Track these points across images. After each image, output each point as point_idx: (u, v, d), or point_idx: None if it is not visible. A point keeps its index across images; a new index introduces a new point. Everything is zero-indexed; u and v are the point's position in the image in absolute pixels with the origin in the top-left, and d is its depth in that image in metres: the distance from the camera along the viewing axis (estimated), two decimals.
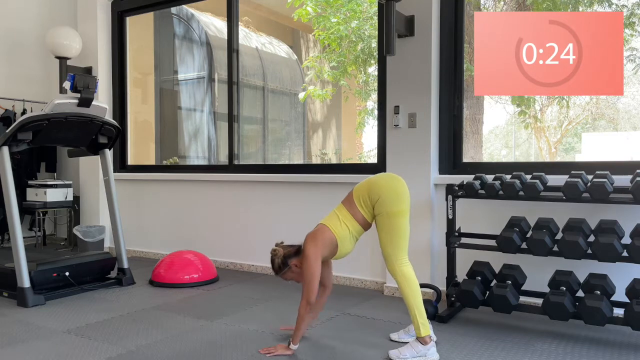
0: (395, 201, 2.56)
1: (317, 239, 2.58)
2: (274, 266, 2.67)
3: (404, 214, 2.58)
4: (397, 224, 2.55)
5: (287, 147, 8.19)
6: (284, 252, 2.65)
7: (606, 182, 2.76)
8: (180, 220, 5.09)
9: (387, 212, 2.55)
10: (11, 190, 3.60)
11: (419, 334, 2.52)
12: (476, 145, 5.21)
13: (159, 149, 6.52)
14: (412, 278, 2.57)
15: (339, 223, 2.61)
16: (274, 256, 2.66)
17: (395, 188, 2.58)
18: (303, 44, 8.79)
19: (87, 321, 3.18)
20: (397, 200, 2.56)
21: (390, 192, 2.57)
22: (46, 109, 3.68)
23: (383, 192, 2.57)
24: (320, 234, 2.59)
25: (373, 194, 2.58)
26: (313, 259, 2.54)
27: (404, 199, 2.59)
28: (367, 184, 2.64)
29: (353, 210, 2.63)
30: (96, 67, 5.44)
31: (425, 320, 2.53)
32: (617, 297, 2.84)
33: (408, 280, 2.55)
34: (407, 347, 2.53)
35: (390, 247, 2.57)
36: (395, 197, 2.56)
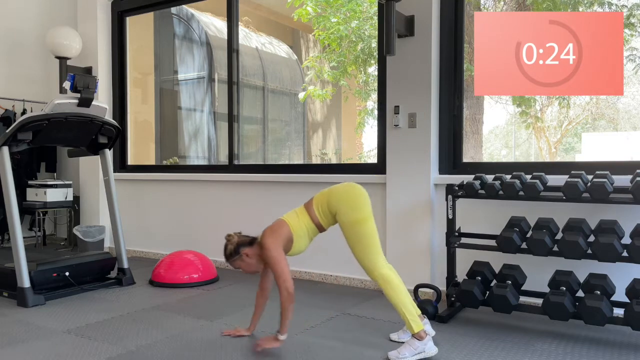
0: (355, 210, 2.57)
1: (275, 231, 2.63)
2: (226, 252, 2.71)
3: (366, 219, 2.58)
4: (363, 231, 2.56)
5: (287, 147, 8.20)
6: (238, 239, 2.70)
7: (606, 182, 2.76)
8: (180, 220, 5.09)
9: (349, 222, 2.57)
10: (11, 190, 3.60)
11: (412, 331, 2.53)
12: (476, 145, 5.21)
13: (159, 149, 6.52)
14: (393, 279, 2.56)
15: (297, 220, 2.65)
16: (228, 242, 2.71)
17: (351, 197, 2.60)
18: (303, 44, 8.79)
19: (87, 321, 3.18)
20: (356, 208, 2.58)
21: (348, 202, 2.59)
22: (46, 109, 3.68)
23: (340, 204, 2.59)
24: (278, 227, 2.64)
25: (331, 207, 2.62)
26: (274, 249, 2.58)
27: (362, 206, 2.60)
28: (327, 196, 2.66)
29: (312, 212, 2.66)
30: (96, 67, 5.44)
31: (416, 317, 2.54)
32: (617, 297, 2.84)
33: (389, 282, 2.55)
34: (404, 346, 2.54)
35: (364, 255, 2.57)
36: (353, 206, 2.58)
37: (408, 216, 3.74)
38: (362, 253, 2.58)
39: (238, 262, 2.69)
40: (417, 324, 2.52)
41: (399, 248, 3.77)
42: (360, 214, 2.57)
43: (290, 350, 2.69)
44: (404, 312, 2.52)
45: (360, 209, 2.59)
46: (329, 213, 2.63)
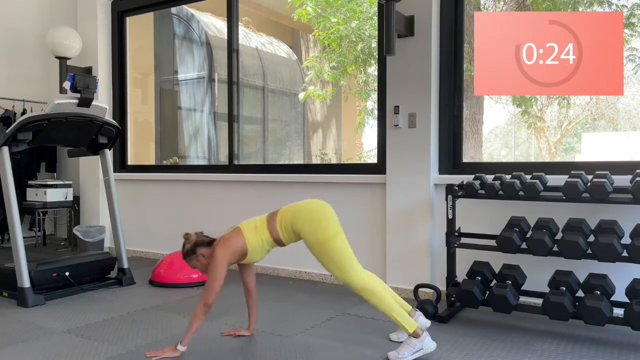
0: (319, 230, 2.53)
1: (229, 244, 2.61)
2: (183, 250, 2.71)
3: (335, 236, 2.54)
4: (331, 249, 2.52)
5: (287, 147, 8.20)
6: (196, 239, 2.70)
7: (606, 182, 2.76)
8: (180, 220, 5.08)
9: (316, 241, 2.53)
10: (11, 190, 3.60)
11: (407, 331, 2.52)
12: (476, 145, 5.21)
13: (159, 149, 6.52)
14: (374, 286, 2.54)
15: (254, 233, 2.62)
16: (186, 241, 2.71)
17: (315, 217, 2.56)
18: (303, 44, 8.79)
19: (87, 321, 3.18)
20: (320, 228, 2.54)
21: (312, 223, 2.55)
22: (46, 109, 3.68)
23: (304, 225, 2.55)
24: (233, 240, 2.62)
25: (295, 228, 2.58)
26: (219, 263, 2.57)
27: (327, 224, 2.55)
28: (291, 215, 2.60)
29: (272, 226, 2.62)
30: (96, 67, 5.44)
31: (406, 317, 2.53)
32: (617, 297, 2.84)
33: (370, 291, 2.52)
34: (403, 346, 2.53)
35: (338, 271, 2.54)
36: (317, 226, 2.54)
37: (408, 216, 3.74)
38: (336, 270, 2.54)
39: (194, 261, 2.70)
40: (410, 324, 2.52)
41: (399, 248, 3.77)
42: (326, 233, 2.53)
43: (290, 350, 2.69)
44: (394, 315, 2.51)
45: (326, 228, 2.54)
46: (292, 232, 2.59)
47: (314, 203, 2.64)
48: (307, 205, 2.63)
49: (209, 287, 2.56)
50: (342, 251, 2.54)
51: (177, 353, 2.59)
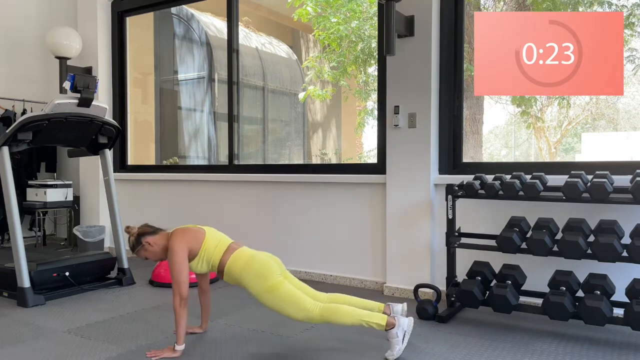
0: (264, 280, 2.54)
1: (187, 236, 2.64)
2: (129, 244, 2.74)
3: (279, 283, 2.54)
4: (281, 293, 2.52)
5: (287, 147, 8.20)
6: (138, 230, 2.73)
7: (606, 182, 2.76)
8: (181, 221, 5.06)
9: (264, 290, 2.54)
10: (11, 190, 3.60)
11: (381, 328, 2.48)
12: (476, 145, 5.22)
13: (159, 149, 6.52)
14: (330, 307, 2.52)
15: (213, 249, 2.65)
16: (128, 234, 2.74)
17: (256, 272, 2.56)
18: (303, 44, 8.80)
19: (87, 321, 3.18)
20: (263, 278, 2.54)
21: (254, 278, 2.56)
22: (46, 109, 3.68)
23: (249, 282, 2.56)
24: (192, 235, 2.65)
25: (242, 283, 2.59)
26: (179, 251, 2.58)
27: (269, 272, 2.56)
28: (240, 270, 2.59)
29: (226, 258, 2.63)
30: (96, 67, 5.44)
31: (372, 316, 2.50)
32: (617, 297, 2.84)
33: (331, 312, 2.50)
34: (390, 343, 2.52)
35: (295, 311, 2.52)
36: (260, 278, 2.55)
37: (408, 216, 3.74)
38: (293, 311, 2.52)
39: (142, 252, 2.71)
40: (379, 318, 2.49)
41: (399, 248, 3.77)
42: (271, 280, 2.54)
43: (290, 350, 2.69)
44: (362, 320, 2.48)
45: (270, 276, 2.55)
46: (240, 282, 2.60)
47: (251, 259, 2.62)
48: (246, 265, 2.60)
49: (176, 279, 2.56)
50: (291, 292, 2.54)
51: (177, 353, 2.59)
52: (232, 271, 2.62)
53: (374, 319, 2.49)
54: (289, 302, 2.52)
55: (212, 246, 2.66)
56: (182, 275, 2.57)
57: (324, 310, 2.51)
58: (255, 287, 2.56)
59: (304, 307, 2.51)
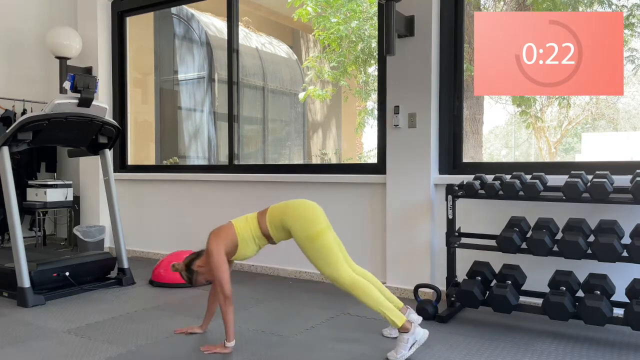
0: (309, 225, 2.58)
1: (220, 234, 2.66)
2: (185, 279, 2.76)
3: (321, 233, 2.58)
4: (321, 244, 2.56)
5: (287, 147, 8.20)
6: (184, 263, 2.75)
7: (606, 182, 2.76)
8: (181, 220, 5.09)
9: (305, 237, 2.57)
10: (11, 190, 3.60)
11: (396, 326, 2.51)
12: (476, 145, 5.22)
13: (159, 149, 6.52)
14: (361, 283, 2.56)
15: (244, 224, 2.68)
16: (178, 270, 2.76)
17: (304, 213, 2.61)
18: (303, 44, 8.80)
19: (87, 321, 3.18)
20: (310, 224, 2.58)
21: (301, 218, 2.60)
22: (46, 109, 3.68)
23: (294, 221, 2.60)
24: (223, 230, 2.67)
25: (285, 223, 2.62)
26: (216, 252, 2.60)
27: (316, 219, 2.60)
28: (281, 211, 2.65)
29: (263, 223, 2.67)
30: (96, 67, 5.44)
31: (394, 311, 2.52)
32: (617, 297, 2.84)
33: (358, 287, 2.54)
34: (397, 344, 2.52)
35: (327, 267, 2.57)
36: (307, 221, 2.59)
37: (408, 216, 3.74)
38: (326, 266, 2.56)
39: (199, 277, 2.74)
40: (398, 317, 2.51)
41: (399, 248, 3.77)
42: (315, 228, 2.57)
43: (290, 350, 2.69)
44: (381, 310, 2.52)
45: (315, 223, 2.59)
46: (282, 228, 2.64)
47: (302, 201, 2.69)
48: (297, 202, 2.68)
49: (219, 279, 2.59)
50: (331, 247, 2.58)
51: (227, 350, 2.62)
52: (275, 227, 2.64)
53: (394, 315, 2.51)
54: (325, 255, 2.55)
55: (244, 226, 2.67)
56: (223, 276, 2.58)
57: (355, 281, 2.54)
58: (300, 231, 2.57)
59: (337, 267, 2.55)
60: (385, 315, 2.52)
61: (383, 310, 2.52)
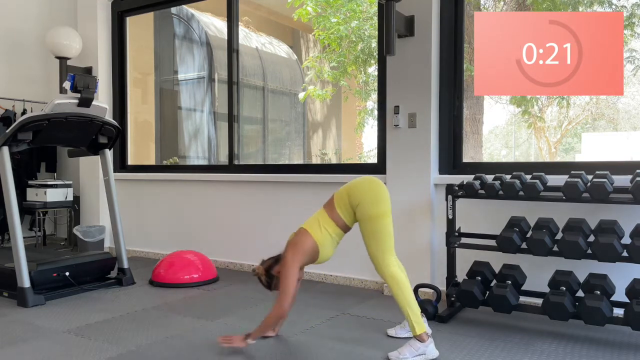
0: (375, 204, 2.57)
1: (298, 247, 2.61)
2: (263, 284, 2.74)
3: (386, 215, 2.58)
4: (380, 226, 2.56)
5: (287, 147, 8.20)
6: (264, 267, 2.72)
7: (606, 182, 2.76)
8: (181, 220, 5.09)
9: (369, 215, 2.56)
10: (11, 190, 3.60)
11: (414, 332, 2.52)
12: (476, 145, 5.21)
13: (159, 149, 6.52)
14: (402, 278, 2.57)
15: (319, 229, 2.63)
16: (258, 275, 2.73)
17: (374, 191, 2.59)
18: (303, 44, 8.80)
19: (87, 321, 3.18)
20: (377, 203, 2.57)
21: (370, 196, 2.58)
22: (46, 109, 3.68)
23: (362, 197, 2.58)
24: (301, 242, 2.61)
25: (353, 199, 2.60)
26: (290, 267, 2.57)
27: (383, 200, 2.59)
28: (347, 189, 2.65)
29: (334, 215, 2.65)
30: (96, 67, 5.44)
31: (419, 318, 2.53)
32: (617, 297, 2.84)
33: (397, 281, 2.55)
34: (405, 347, 2.53)
35: (377, 250, 2.57)
36: (374, 200, 2.57)
37: (408, 216, 3.73)
38: (376, 248, 2.56)
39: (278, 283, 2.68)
40: (420, 325, 2.52)
41: (399, 248, 3.72)
42: (382, 208, 2.57)
43: (290, 350, 2.69)
44: (409, 312, 2.52)
45: (383, 203, 2.58)
46: (350, 208, 2.61)
47: (372, 179, 2.66)
48: (366, 179, 2.66)
49: (283, 290, 2.56)
50: (388, 233, 2.58)
51: (244, 344, 2.60)
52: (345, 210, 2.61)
53: (417, 321, 2.51)
54: (380, 238, 2.55)
55: (320, 231, 2.62)
56: (289, 289, 2.55)
57: (396, 274, 2.55)
58: (365, 207, 2.55)
59: (385, 254, 2.56)
60: (409, 317, 2.52)
61: (409, 312, 2.51)
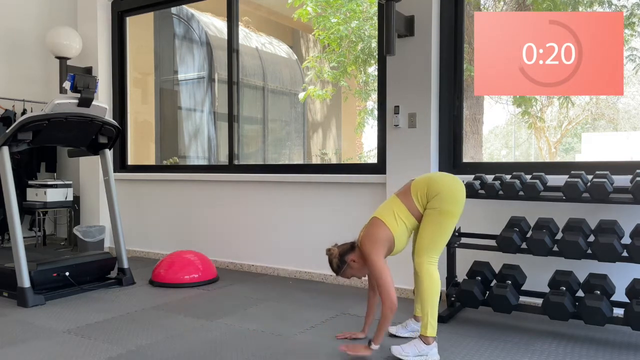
0: (452, 201, 2.55)
1: (376, 239, 2.55)
2: (333, 266, 2.65)
3: (455, 216, 2.57)
4: (446, 223, 2.55)
5: (287, 147, 8.20)
6: (339, 250, 2.64)
7: (606, 182, 2.76)
8: (180, 220, 5.09)
9: (441, 208, 2.54)
10: (11, 190, 3.60)
11: (424, 332, 2.51)
12: (476, 145, 5.21)
13: (159, 149, 6.52)
14: (437, 280, 2.56)
15: (394, 219, 2.58)
16: (331, 256, 2.65)
17: (455, 188, 2.59)
18: (303, 44, 8.79)
19: (87, 321, 3.18)
20: (454, 201, 2.56)
21: (451, 190, 2.57)
22: (46, 109, 3.68)
23: (444, 189, 2.56)
24: (376, 233, 2.56)
25: (432, 189, 2.57)
26: (376, 259, 2.51)
27: (460, 202, 2.59)
28: (428, 179, 2.63)
29: (409, 203, 2.60)
30: (96, 67, 5.44)
31: (435, 322, 2.52)
32: (617, 297, 2.84)
33: (433, 279, 2.54)
34: (409, 344, 2.53)
35: (430, 243, 2.54)
36: (453, 198, 2.56)
37: None
38: (430, 241, 2.54)
39: (348, 271, 2.64)
40: (433, 328, 2.51)
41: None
42: (456, 208, 2.56)
43: (290, 350, 2.69)
44: (429, 312, 2.50)
45: (459, 204, 2.57)
46: (426, 197, 2.57)
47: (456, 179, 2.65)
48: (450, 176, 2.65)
49: (384, 287, 2.49)
50: (448, 232, 2.57)
51: (370, 352, 2.57)
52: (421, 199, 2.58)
53: (434, 324, 2.51)
54: (440, 233, 2.54)
55: (396, 221, 2.57)
56: (387, 282, 2.48)
57: (432, 274, 2.53)
58: (440, 200, 2.53)
59: (434, 250, 2.55)
60: (427, 316, 2.50)
61: (430, 312, 2.50)
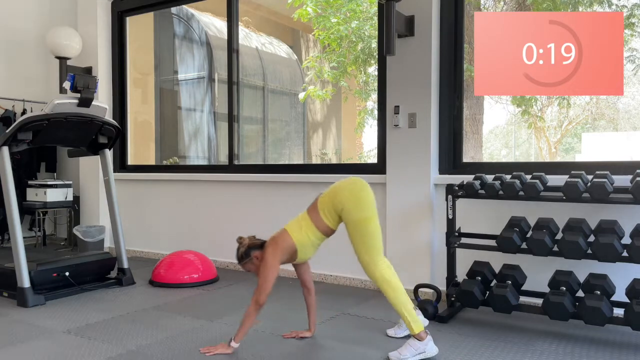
0: (359, 208, 2.55)
1: (277, 244, 2.61)
2: (237, 254, 2.70)
3: (371, 219, 2.57)
4: (366, 230, 2.55)
5: (287, 147, 8.20)
6: (249, 242, 2.69)
7: (606, 182, 2.76)
8: (180, 220, 5.09)
9: (353, 220, 2.55)
10: (11, 190, 3.60)
11: (412, 332, 2.52)
12: (476, 145, 5.21)
13: (159, 149, 6.52)
14: (393, 279, 2.56)
15: (299, 231, 2.62)
16: (240, 245, 2.70)
17: (356, 196, 2.57)
18: (303, 44, 8.79)
19: (87, 321, 3.18)
20: (361, 207, 2.55)
21: (353, 200, 2.56)
22: (46, 109, 3.68)
23: (345, 202, 2.56)
24: (281, 240, 2.62)
25: (336, 204, 2.58)
26: (269, 263, 2.57)
27: (367, 204, 2.58)
28: (330, 193, 2.63)
29: (316, 219, 2.62)
30: (96, 67, 5.45)
31: (415, 317, 2.53)
32: (617, 297, 2.84)
33: (389, 283, 2.54)
34: (405, 346, 2.53)
35: (365, 254, 2.56)
36: (358, 205, 2.55)
37: (408, 216, 3.73)
38: (364, 252, 2.56)
39: (249, 264, 2.68)
40: (417, 324, 2.52)
41: (399, 248, 3.77)
42: (366, 213, 2.55)
43: (290, 350, 2.69)
44: (404, 312, 2.52)
45: (367, 208, 2.56)
46: (334, 212, 2.59)
47: (354, 181, 2.64)
48: (349, 183, 2.63)
49: (261, 287, 2.55)
50: (375, 236, 2.57)
51: (230, 350, 2.60)
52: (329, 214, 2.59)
53: (414, 320, 2.51)
54: (367, 241, 2.55)
55: (300, 233, 2.61)
56: (266, 284, 2.54)
57: (387, 275, 2.54)
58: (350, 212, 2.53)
59: (373, 256, 2.55)
60: (405, 318, 2.52)
61: (405, 312, 2.51)
